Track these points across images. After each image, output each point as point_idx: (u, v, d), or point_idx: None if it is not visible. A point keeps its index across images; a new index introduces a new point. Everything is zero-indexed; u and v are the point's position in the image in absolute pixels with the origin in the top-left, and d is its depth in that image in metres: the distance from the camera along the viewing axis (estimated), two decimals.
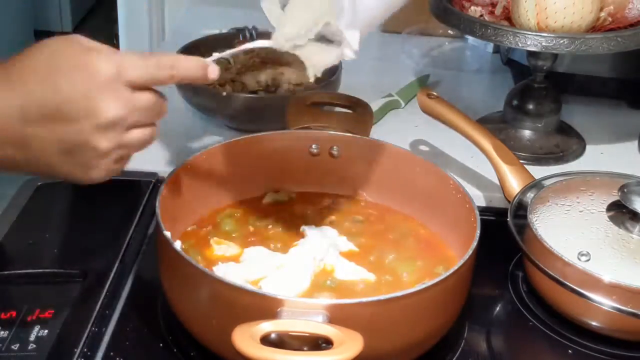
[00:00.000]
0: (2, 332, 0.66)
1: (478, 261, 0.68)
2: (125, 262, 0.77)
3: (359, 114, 0.86)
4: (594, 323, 0.72)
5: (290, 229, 0.77)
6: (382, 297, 0.61)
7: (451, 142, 0.96)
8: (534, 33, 0.87)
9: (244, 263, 0.72)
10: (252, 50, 1.02)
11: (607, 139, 1.05)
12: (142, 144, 0.60)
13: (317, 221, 0.79)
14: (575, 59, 1.12)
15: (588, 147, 1.03)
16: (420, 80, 1.17)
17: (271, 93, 0.99)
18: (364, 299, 0.61)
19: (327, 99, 0.89)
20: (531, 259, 0.73)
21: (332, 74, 1.00)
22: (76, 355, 0.65)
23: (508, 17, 0.94)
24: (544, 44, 0.87)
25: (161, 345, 0.69)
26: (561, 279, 0.71)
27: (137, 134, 0.59)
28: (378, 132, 0.90)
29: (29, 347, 0.65)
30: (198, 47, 1.05)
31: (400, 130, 1.03)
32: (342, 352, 0.54)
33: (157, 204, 0.68)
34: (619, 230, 0.74)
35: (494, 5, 0.97)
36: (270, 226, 0.78)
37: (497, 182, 0.84)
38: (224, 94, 0.95)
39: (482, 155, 0.85)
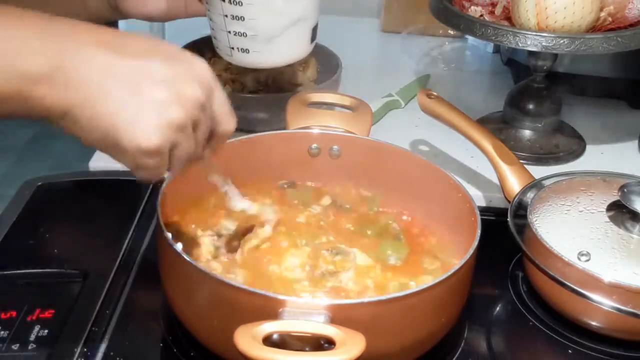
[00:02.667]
0: (2, 332, 0.66)
1: (478, 261, 0.68)
2: (125, 262, 0.77)
3: (359, 114, 0.86)
4: (594, 323, 0.72)
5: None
6: (383, 297, 0.61)
7: (451, 142, 0.96)
8: (534, 33, 0.87)
9: None
10: None
11: (607, 139, 1.05)
12: (189, 149, 0.56)
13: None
14: (575, 59, 1.12)
15: (588, 147, 1.03)
16: (420, 80, 1.17)
17: (271, 93, 0.99)
18: (365, 299, 0.61)
19: (327, 99, 0.89)
20: (531, 259, 0.73)
21: (332, 74, 1.00)
22: (76, 355, 0.65)
23: (508, 17, 0.94)
24: (544, 44, 0.87)
25: (161, 345, 0.69)
26: (561, 279, 0.71)
27: (198, 135, 0.57)
28: (378, 132, 0.90)
29: (29, 347, 0.65)
30: (198, 47, 1.05)
31: (400, 130, 1.03)
32: (345, 352, 0.54)
33: (157, 204, 0.68)
34: (619, 230, 0.74)
35: (494, 5, 0.97)
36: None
37: (497, 182, 0.84)
38: None
39: (482, 155, 0.85)
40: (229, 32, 0.81)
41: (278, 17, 0.81)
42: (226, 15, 0.80)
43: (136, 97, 0.52)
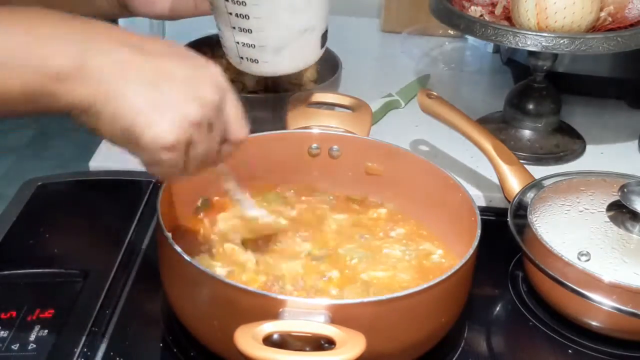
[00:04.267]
0: (2, 332, 0.66)
1: (478, 261, 0.68)
2: (125, 262, 0.77)
3: (359, 113, 0.86)
4: (594, 323, 0.72)
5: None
6: (383, 297, 0.61)
7: (451, 142, 0.96)
8: (534, 33, 0.87)
9: None
10: None
11: (607, 139, 1.06)
12: (204, 149, 0.58)
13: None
14: (575, 59, 1.12)
15: (588, 147, 1.03)
16: (420, 80, 1.17)
17: (271, 93, 0.99)
18: (366, 299, 0.61)
19: (327, 99, 0.89)
20: (531, 259, 0.73)
21: (332, 73, 1.00)
22: (76, 355, 0.65)
23: (508, 17, 0.94)
24: (544, 44, 0.87)
25: (161, 345, 0.69)
26: (561, 279, 0.71)
27: (212, 137, 0.58)
28: (378, 132, 0.90)
29: (29, 347, 0.65)
30: (199, 47, 1.05)
31: (400, 130, 1.03)
32: (345, 352, 0.54)
33: (157, 204, 0.68)
34: (619, 230, 0.74)
35: (494, 5, 0.97)
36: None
37: (497, 182, 0.84)
38: None
39: (482, 155, 0.85)
40: (237, 43, 0.80)
41: (286, 29, 0.79)
42: (234, 27, 0.79)
43: (156, 94, 0.54)
